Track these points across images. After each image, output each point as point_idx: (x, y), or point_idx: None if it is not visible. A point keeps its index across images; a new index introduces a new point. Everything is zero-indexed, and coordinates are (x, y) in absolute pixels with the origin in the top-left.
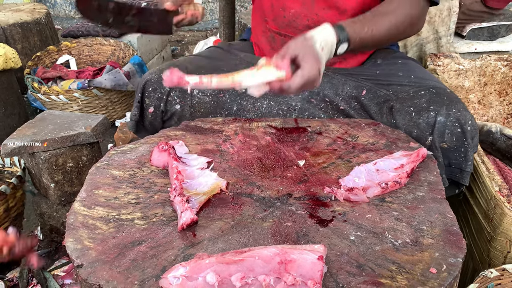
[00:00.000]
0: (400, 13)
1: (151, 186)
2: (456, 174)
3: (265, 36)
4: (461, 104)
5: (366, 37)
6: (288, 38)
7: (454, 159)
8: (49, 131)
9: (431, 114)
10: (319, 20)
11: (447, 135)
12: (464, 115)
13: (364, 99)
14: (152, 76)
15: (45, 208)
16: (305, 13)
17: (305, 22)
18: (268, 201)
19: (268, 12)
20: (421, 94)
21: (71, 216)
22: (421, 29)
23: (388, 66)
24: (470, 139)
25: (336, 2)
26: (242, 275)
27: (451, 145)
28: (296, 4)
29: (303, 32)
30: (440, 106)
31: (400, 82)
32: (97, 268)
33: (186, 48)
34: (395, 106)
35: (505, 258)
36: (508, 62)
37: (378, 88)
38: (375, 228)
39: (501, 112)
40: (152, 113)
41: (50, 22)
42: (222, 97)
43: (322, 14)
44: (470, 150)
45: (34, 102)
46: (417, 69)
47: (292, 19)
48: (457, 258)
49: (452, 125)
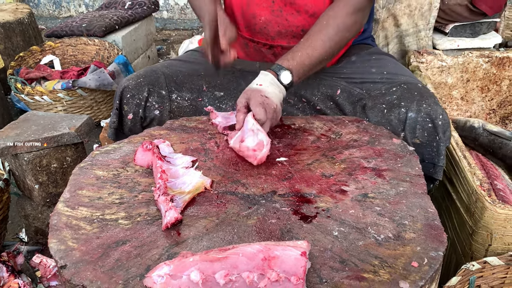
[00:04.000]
0: (331, 26)
1: (135, 186)
2: (430, 169)
3: (238, 42)
4: (432, 98)
5: (304, 59)
6: (260, 45)
7: (427, 154)
8: (33, 132)
9: (402, 110)
10: (290, 25)
11: (418, 131)
12: (435, 109)
13: (339, 99)
14: (129, 82)
15: (29, 210)
16: (275, 20)
17: (276, 29)
18: (253, 199)
19: (239, 19)
20: (392, 90)
21: (55, 217)
22: (364, 24)
23: (362, 64)
24: (441, 133)
25: (305, 6)
26: (226, 272)
27: (423, 140)
28: (266, 11)
29: (275, 39)
30: (411, 102)
31: (373, 79)
32: (81, 268)
33: (171, 47)
34: (367, 104)
35: (487, 251)
36: (489, 58)
37: (352, 87)
38: (358, 223)
39: (483, 108)
40: (131, 120)
41: (33, 22)
42: (201, 101)
43: (292, 20)
44: (442, 145)
45: (17, 103)
46: (390, 65)
47: (263, 26)
48: (438, 252)
49: (423, 120)
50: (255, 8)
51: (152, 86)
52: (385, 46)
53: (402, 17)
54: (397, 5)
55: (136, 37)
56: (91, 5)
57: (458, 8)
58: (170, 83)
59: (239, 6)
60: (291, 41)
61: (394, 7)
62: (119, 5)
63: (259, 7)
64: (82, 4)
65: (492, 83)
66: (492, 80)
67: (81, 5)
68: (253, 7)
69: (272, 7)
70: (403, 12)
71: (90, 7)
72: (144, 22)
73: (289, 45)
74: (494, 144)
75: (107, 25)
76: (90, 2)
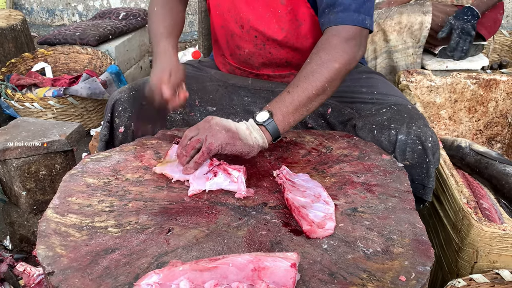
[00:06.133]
0: (313, 60)
1: (126, 194)
2: (419, 190)
3: (225, 68)
4: (421, 120)
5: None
6: (247, 73)
7: (417, 175)
8: (22, 138)
9: (392, 132)
10: (273, 58)
11: (408, 153)
12: (425, 131)
13: (329, 117)
14: (121, 95)
15: (15, 217)
16: (259, 53)
17: (260, 60)
18: (243, 210)
19: (224, 48)
20: (382, 111)
21: (43, 223)
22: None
23: (353, 82)
24: (431, 155)
25: (287, 42)
26: (216, 282)
27: (412, 162)
28: (249, 44)
29: (260, 69)
30: (401, 124)
31: (363, 99)
32: (68, 275)
33: None
34: (357, 124)
35: (472, 268)
36: (477, 80)
37: (343, 106)
38: (347, 237)
39: (470, 128)
40: (123, 133)
41: (26, 29)
42: (193, 115)
43: (275, 52)
44: (432, 166)
45: (7, 109)
46: (380, 84)
47: (247, 57)
48: (425, 267)
49: (412, 142)
50: (239, 41)
51: (144, 99)
52: (374, 60)
53: (392, 33)
54: (388, 21)
55: (129, 48)
56: (85, 14)
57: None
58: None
59: (223, 36)
60: (276, 70)
61: (384, 22)
62: (113, 15)
63: (242, 40)
64: (75, 13)
65: (479, 104)
66: (479, 101)
67: (75, 14)
68: (237, 39)
69: (255, 41)
70: (393, 28)
71: (83, 17)
72: (137, 33)
73: (275, 74)
74: (481, 164)
75: (100, 34)
76: (84, 11)
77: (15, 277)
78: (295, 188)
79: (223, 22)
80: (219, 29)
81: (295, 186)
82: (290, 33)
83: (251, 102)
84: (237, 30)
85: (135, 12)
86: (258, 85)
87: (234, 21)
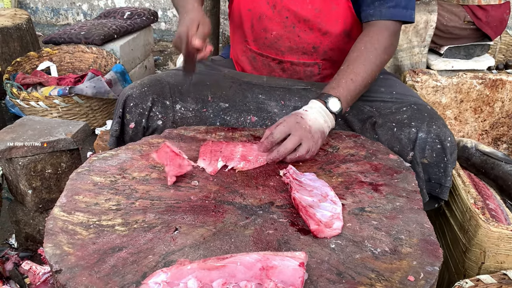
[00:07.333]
0: (369, 50)
1: (132, 193)
2: (436, 189)
3: (246, 55)
4: (441, 120)
5: (349, 85)
6: (269, 59)
7: (434, 174)
8: (29, 136)
9: (413, 130)
10: (301, 42)
11: (427, 151)
12: (444, 131)
13: (348, 115)
14: (133, 91)
15: (21, 215)
16: (287, 35)
17: (287, 44)
18: (250, 209)
19: (248, 33)
20: (403, 110)
21: (50, 221)
22: (397, 46)
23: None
24: (449, 155)
25: (318, 24)
26: (224, 281)
27: (431, 161)
28: (278, 26)
29: (284, 55)
30: (421, 122)
31: (383, 98)
32: (76, 273)
33: (169, 58)
34: (377, 122)
35: (480, 269)
36: (483, 80)
37: (362, 104)
38: (355, 236)
39: (476, 128)
40: (133, 129)
41: (31, 28)
42: (205, 112)
43: (304, 36)
44: (450, 166)
45: (12, 108)
46: (398, 85)
47: (274, 41)
48: (434, 267)
49: (432, 141)
50: (267, 23)
51: (156, 95)
52: None
53: None
54: None
55: (134, 47)
56: (89, 13)
57: (456, 30)
58: (175, 93)
59: (249, 20)
60: (301, 57)
61: None
62: (118, 15)
63: (272, 22)
64: (80, 12)
65: (485, 104)
66: (485, 102)
67: (79, 14)
68: (265, 21)
69: (285, 23)
70: None
71: (88, 16)
72: (142, 33)
73: (299, 61)
74: (486, 165)
75: (105, 33)
76: (88, 11)
77: (21, 275)
78: (302, 188)
79: (252, 4)
80: (245, 12)
81: (302, 186)
82: (323, 13)
83: (266, 100)
84: (267, 11)
85: (139, 11)
86: (273, 82)
87: (266, 2)
